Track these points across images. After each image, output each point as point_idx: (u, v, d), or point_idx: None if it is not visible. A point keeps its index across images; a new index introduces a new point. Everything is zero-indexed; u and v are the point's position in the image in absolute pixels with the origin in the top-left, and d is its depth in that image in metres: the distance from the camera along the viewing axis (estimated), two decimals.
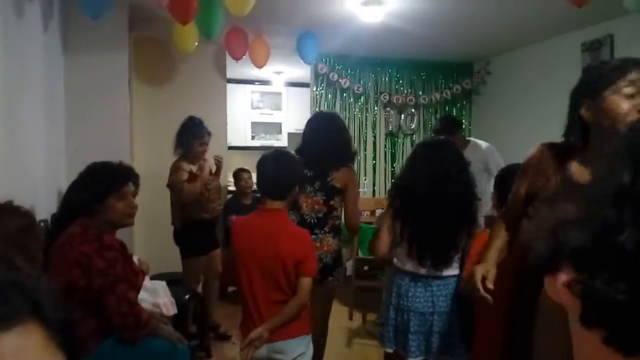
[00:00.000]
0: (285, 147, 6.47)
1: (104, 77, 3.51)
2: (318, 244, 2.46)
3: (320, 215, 2.51)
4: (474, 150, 3.75)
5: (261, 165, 1.98)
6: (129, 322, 1.92)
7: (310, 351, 1.96)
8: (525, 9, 3.63)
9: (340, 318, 4.14)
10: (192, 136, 3.41)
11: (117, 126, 3.53)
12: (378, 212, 4.60)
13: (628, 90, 1.22)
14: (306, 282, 1.88)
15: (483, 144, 3.98)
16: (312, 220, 2.51)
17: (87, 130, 3.38)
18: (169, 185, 3.35)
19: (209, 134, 3.51)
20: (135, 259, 2.32)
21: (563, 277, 0.84)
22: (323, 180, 2.50)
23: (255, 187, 3.89)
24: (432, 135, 3.84)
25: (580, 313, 0.81)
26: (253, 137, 6.63)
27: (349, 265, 4.90)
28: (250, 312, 1.91)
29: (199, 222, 3.36)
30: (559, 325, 0.84)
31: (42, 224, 2.46)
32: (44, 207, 2.57)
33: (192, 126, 3.43)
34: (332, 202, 2.52)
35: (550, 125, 1.51)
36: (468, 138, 4.14)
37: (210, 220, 3.44)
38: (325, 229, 2.52)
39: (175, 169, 3.35)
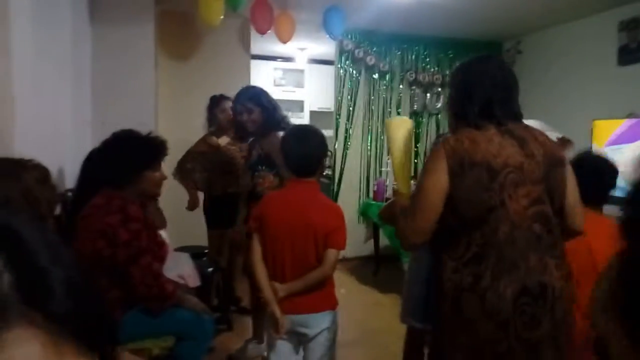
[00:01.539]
0: None
1: (130, 50, 3.51)
2: (260, 180, 2.65)
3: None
4: None
5: (287, 145, 1.95)
6: (154, 293, 1.93)
7: (335, 327, 1.95)
8: None
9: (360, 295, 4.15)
10: (213, 110, 3.50)
11: (143, 100, 3.54)
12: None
13: None
14: (333, 254, 1.86)
15: (531, 122, 3.74)
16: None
17: (114, 103, 3.39)
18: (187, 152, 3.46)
19: (229, 99, 3.51)
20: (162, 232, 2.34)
21: None
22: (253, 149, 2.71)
23: None
24: None
25: None
26: None
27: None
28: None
29: (223, 195, 3.38)
30: None
31: (69, 194, 2.49)
32: (71, 178, 2.59)
33: (213, 101, 3.52)
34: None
35: (585, 108, 1.47)
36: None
37: (235, 194, 3.45)
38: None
39: (199, 141, 3.43)
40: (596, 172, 1.93)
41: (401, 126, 1.77)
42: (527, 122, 1.70)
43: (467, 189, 1.39)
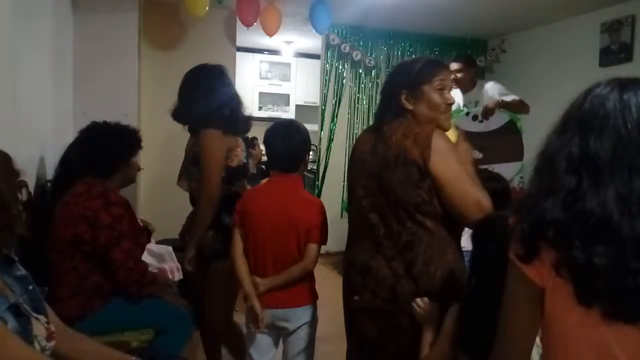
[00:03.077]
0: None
1: (113, 39, 3.46)
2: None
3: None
4: (479, 91, 3.64)
5: (271, 140, 1.95)
6: (134, 278, 1.94)
7: (315, 321, 1.96)
8: None
9: None
10: None
11: (126, 90, 3.50)
12: None
13: (439, 86, 1.58)
14: (314, 248, 1.87)
15: (489, 83, 3.75)
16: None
17: (96, 93, 3.34)
18: None
19: None
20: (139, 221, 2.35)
21: (547, 260, 0.84)
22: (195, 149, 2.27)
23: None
24: (450, 60, 3.67)
25: (574, 293, 0.81)
26: (260, 108, 6.56)
27: None
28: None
29: None
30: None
31: (49, 185, 2.45)
32: (51, 169, 2.55)
33: None
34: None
35: (565, 104, 1.48)
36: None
37: None
38: None
39: None
40: None
41: None
42: (486, 84, 1.92)
43: None
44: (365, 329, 1.64)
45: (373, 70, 5.26)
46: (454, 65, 3.61)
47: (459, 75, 3.57)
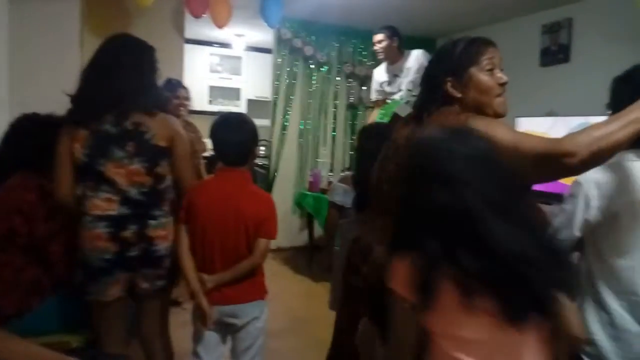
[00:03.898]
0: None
1: (53, 28, 3.31)
2: (162, 232, 1.84)
3: (146, 189, 1.83)
4: (408, 58, 3.74)
5: (218, 133, 1.91)
6: (72, 273, 1.85)
7: (264, 316, 1.94)
8: None
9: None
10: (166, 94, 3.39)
11: (66, 80, 3.33)
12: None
13: (488, 66, 1.39)
14: (263, 243, 1.85)
15: (415, 50, 3.83)
16: (138, 198, 1.82)
17: (34, 83, 3.18)
18: None
19: (185, 88, 3.52)
20: None
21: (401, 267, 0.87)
22: (138, 136, 1.82)
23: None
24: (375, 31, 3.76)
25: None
26: (210, 102, 6.45)
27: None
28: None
29: None
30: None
31: None
32: None
33: (167, 85, 3.40)
34: (158, 169, 1.85)
35: (509, 106, 1.52)
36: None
37: None
38: (165, 208, 1.88)
39: None
40: None
41: None
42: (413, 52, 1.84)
43: None
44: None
45: (325, 66, 5.27)
46: (377, 37, 3.73)
47: (382, 44, 3.69)
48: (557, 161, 1.14)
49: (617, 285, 1.43)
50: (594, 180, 1.45)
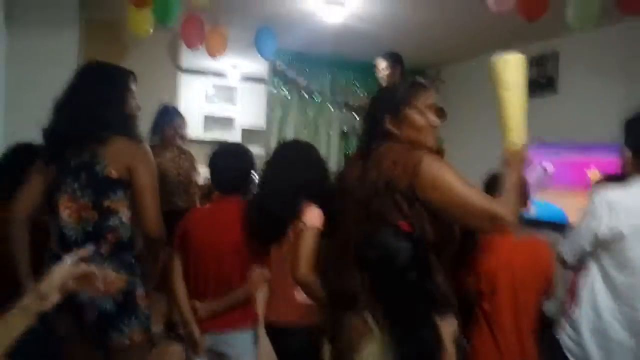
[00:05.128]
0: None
1: (50, 57, 3.35)
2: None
3: (90, 227, 1.66)
4: None
5: (216, 160, 1.95)
6: None
7: (257, 347, 1.93)
8: (475, 20, 3.76)
9: None
10: (162, 122, 3.46)
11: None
12: None
13: (423, 108, 1.55)
14: (256, 272, 1.86)
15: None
16: (77, 238, 1.65)
17: (30, 113, 3.18)
18: None
19: (182, 117, 3.58)
20: None
21: None
22: (89, 167, 1.66)
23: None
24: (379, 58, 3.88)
25: None
26: (205, 131, 6.50)
27: None
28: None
29: None
30: None
31: None
32: None
33: (163, 112, 3.50)
34: (106, 203, 1.66)
35: (499, 136, 1.58)
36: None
37: (169, 212, 3.38)
38: (102, 251, 1.65)
39: None
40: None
41: (511, 64, 1.59)
42: None
43: None
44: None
45: (318, 96, 5.36)
46: (380, 64, 3.80)
47: (386, 72, 3.74)
48: (496, 220, 1.37)
49: (615, 298, 1.58)
50: (606, 199, 1.60)
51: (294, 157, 1.92)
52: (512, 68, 1.57)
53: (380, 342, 1.31)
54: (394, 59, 3.82)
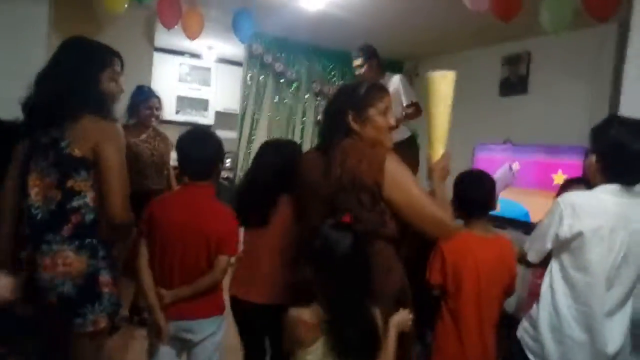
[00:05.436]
0: (210, 126, 6.33)
1: (20, 32, 3.26)
2: (47, 260, 1.58)
3: (53, 206, 1.62)
4: (388, 82, 3.77)
5: (184, 147, 1.93)
6: None
7: (221, 332, 1.96)
8: (452, 17, 3.80)
9: None
10: (137, 102, 3.40)
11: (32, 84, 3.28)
12: None
13: (383, 110, 1.64)
14: (224, 259, 1.87)
15: (395, 75, 3.93)
16: (42, 218, 1.61)
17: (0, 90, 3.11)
18: None
19: (158, 97, 3.53)
20: None
21: None
22: (56, 145, 1.62)
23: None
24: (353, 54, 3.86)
25: None
26: (178, 112, 6.40)
27: None
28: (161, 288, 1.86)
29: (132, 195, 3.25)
30: None
31: None
32: None
33: (138, 92, 3.45)
34: (70, 183, 1.62)
35: (468, 133, 1.64)
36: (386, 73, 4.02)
37: (141, 193, 3.33)
38: (63, 233, 1.61)
39: None
40: (476, 183, 2.07)
41: (445, 80, 1.70)
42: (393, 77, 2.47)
43: None
44: None
45: (294, 83, 5.34)
46: (355, 62, 3.79)
47: (362, 70, 3.75)
48: (443, 226, 1.55)
49: (572, 297, 1.65)
50: (570, 201, 1.67)
51: (273, 152, 2.07)
52: (446, 83, 1.69)
53: (327, 333, 1.37)
54: (368, 53, 3.80)
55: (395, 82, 3.78)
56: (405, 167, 1.55)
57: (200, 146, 1.92)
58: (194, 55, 6.30)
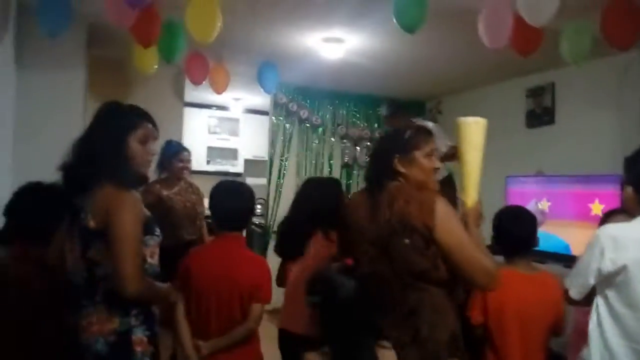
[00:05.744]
0: (240, 174, 6.46)
1: (59, 95, 3.44)
2: (84, 322, 1.61)
3: (84, 274, 1.62)
4: None
5: (217, 200, 1.98)
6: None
7: None
8: (474, 55, 3.83)
9: None
10: (169, 156, 3.52)
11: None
12: None
13: (429, 153, 1.67)
14: (258, 308, 1.88)
15: (430, 123, 3.85)
16: (79, 285, 1.64)
17: (38, 150, 3.25)
18: None
19: (187, 150, 3.66)
20: None
21: None
22: (78, 216, 1.64)
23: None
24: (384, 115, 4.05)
25: None
26: (209, 162, 6.58)
27: None
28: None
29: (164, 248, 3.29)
30: None
31: None
32: None
33: (168, 146, 3.56)
34: (90, 254, 1.60)
35: (499, 165, 1.64)
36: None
37: (174, 246, 3.37)
38: (97, 298, 1.61)
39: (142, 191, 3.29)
40: (517, 220, 2.04)
41: (477, 126, 1.70)
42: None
43: None
44: None
45: (320, 127, 5.44)
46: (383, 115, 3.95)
47: (390, 125, 3.83)
48: (489, 275, 1.50)
49: (623, 335, 1.56)
50: (610, 234, 1.61)
51: (312, 189, 2.31)
52: (478, 130, 1.70)
53: None
54: (394, 110, 3.94)
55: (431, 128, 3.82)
56: (454, 211, 1.55)
57: (232, 198, 1.97)
58: (222, 108, 6.52)
